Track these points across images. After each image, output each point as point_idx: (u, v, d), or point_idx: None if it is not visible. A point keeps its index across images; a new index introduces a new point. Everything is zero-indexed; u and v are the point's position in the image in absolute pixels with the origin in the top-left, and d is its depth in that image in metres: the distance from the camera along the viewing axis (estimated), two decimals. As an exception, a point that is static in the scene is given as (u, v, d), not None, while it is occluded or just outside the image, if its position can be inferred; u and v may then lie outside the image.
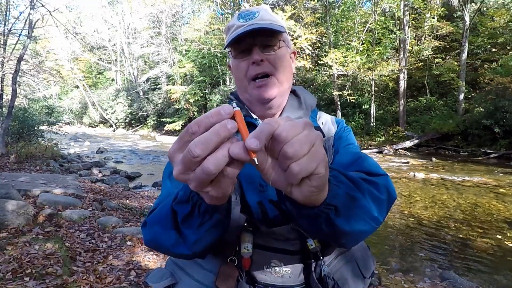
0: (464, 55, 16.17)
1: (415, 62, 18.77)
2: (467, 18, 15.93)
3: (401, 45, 17.90)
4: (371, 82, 18.59)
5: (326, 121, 1.02)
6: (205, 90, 27.57)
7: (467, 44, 16.22)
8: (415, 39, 19.30)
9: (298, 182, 0.47)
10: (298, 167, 0.44)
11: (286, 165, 0.45)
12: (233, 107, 0.46)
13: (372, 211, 0.67)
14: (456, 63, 17.21)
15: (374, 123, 18.46)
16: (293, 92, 1.03)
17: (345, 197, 0.60)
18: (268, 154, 0.47)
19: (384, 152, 14.89)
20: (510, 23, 16.50)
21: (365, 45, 19.14)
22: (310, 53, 20.87)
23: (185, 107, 27.37)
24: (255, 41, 0.88)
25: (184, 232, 0.66)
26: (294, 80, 1.02)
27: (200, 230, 0.64)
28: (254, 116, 0.95)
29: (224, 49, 0.95)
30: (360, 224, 0.65)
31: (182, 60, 29.24)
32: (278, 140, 0.44)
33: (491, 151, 13.15)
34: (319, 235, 0.67)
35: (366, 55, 17.86)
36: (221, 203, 0.58)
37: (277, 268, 0.84)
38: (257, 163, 0.46)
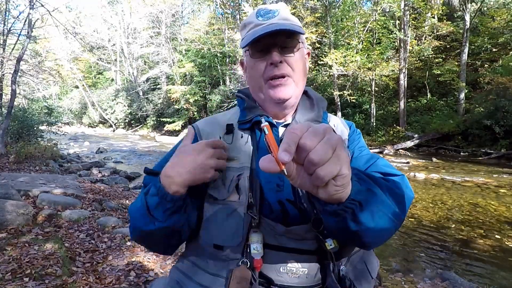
0: (465, 55, 16.14)
1: (416, 62, 18.75)
2: (467, 18, 15.92)
3: (401, 45, 17.89)
4: (371, 82, 18.59)
5: (337, 123, 1.02)
6: (205, 90, 27.55)
7: (467, 44, 16.19)
8: (415, 39, 19.29)
9: (324, 184, 0.51)
10: (324, 171, 0.49)
11: (312, 171, 0.49)
12: (263, 123, 0.55)
13: (393, 207, 0.70)
14: (456, 63, 17.19)
15: (374, 123, 18.46)
16: (305, 92, 1.03)
17: (367, 192, 0.64)
18: (293, 161, 0.50)
19: (384, 152, 14.86)
20: (510, 23, 16.47)
21: (365, 44, 19.14)
22: (310, 53, 20.87)
23: (185, 107, 27.35)
24: (275, 41, 0.88)
25: (154, 215, 0.79)
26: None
27: (165, 214, 0.78)
28: (270, 116, 0.95)
29: (242, 47, 0.94)
30: (383, 220, 0.67)
31: (182, 60, 29.22)
32: (303, 149, 0.48)
33: (492, 151, 13.13)
34: (346, 234, 0.68)
35: (366, 55, 17.86)
36: (180, 194, 0.77)
37: (293, 269, 0.82)
38: (286, 173, 0.50)
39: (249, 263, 0.81)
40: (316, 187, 0.53)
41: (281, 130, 0.95)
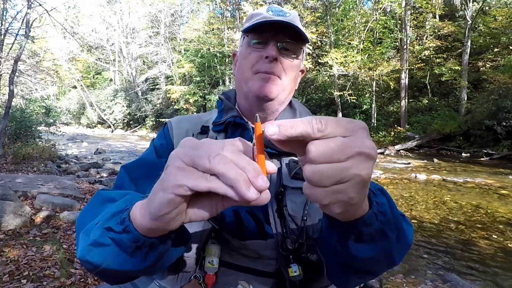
0: (466, 55, 16.17)
1: (417, 62, 18.75)
2: (468, 18, 15.94)
3: (402, 45, 17.89)
4: (372, 82, 18.59)
5: None
6: (204, 90, 27.54)
7: (469, 44, 16.24)
8: (416, 39, 19.29)
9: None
10: (310, 171, 0.39)
11: (303, 163, 0.41)
12: (256, 121, 0.43)
13: (394, 253, 0.60)
14: (458, 63, 17.17)
15: (375, 124, 18.47)
16: (289, 103, 0.98)
17: (380, 222, 0.53)
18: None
19: (385, 153, 14.88)
20: (512, 23, 16.45)
21: (365, 44, 19.14)
22: (311, 53, 20.89)
23: (184, 107, 27.34)
24: (276, 38, 0.82)
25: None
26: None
27: (147, 260, 0.56)
28: (246, 120, 0.89)
29: (242, 31, 0.88)
30: (379, 255, 0.58)
31: (181, 60, 29.22)
32: (308, 130, 0.38)
33: (494, 152, 13.12)
34: (339, 257, 0.59)
35: (367, 55, 17.86)
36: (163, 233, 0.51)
37: None
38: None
39: (202, 278, 0.73)
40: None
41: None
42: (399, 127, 17.33)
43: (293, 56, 0.85)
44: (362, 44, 19.26)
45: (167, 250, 0.57)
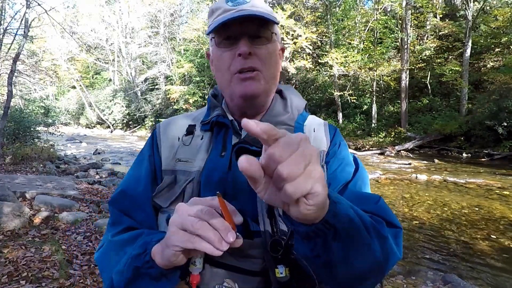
0: (467, 55, 16.19)
1: (417, 62, 18.75)
2: (469, 17, 15.94)
3: (403, 45, 17.89)
4: (372, 82, 18.58)
5: (318, 129, 0.90)
6: (204, 90, 27.51)
7: (470, 44, 16.25)
8: (417, 39, 19.28)
9: (294, 202, 0.46)
10: (293, 188, 0.43)
11: (280, 185, 0.44)
12: (218, 196, 0.59)
13: (377, 252, 0.62)
14: (458, 63, 17.15)
15: (375, 124, 18.46)
16: (279, 92, 0.93)
17: (347, 220, 0.56)
18: (264, 172, 0.46)
19: (385, 153, 14.88)
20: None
21: (366, 44, 19.14)
22: (311, 53, 20.87)
23: (184, 107, 27.30)
24: (244, 30, 0.77)
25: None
26: (294, 81, 0.92)
27: (171, 281, 0.71)
28: (230, 117, 0.86)
29: (207, 34, 0.84)
30: (360, 261, 0.60)
31: (180, 60, 29.20)
32: (272, 160, 0.44)
33: (495, 153, 13.14)
34: (316, 264, 0.61)
35: (367, 54, 17.85)
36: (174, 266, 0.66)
37: None
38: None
39: (187, 279, 0.72)
40: (286, 204, 0.47)
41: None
42: (399, 127, 17.30)
43: (266, 42, 0.80)
44: (363, 44, 19.27)
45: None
